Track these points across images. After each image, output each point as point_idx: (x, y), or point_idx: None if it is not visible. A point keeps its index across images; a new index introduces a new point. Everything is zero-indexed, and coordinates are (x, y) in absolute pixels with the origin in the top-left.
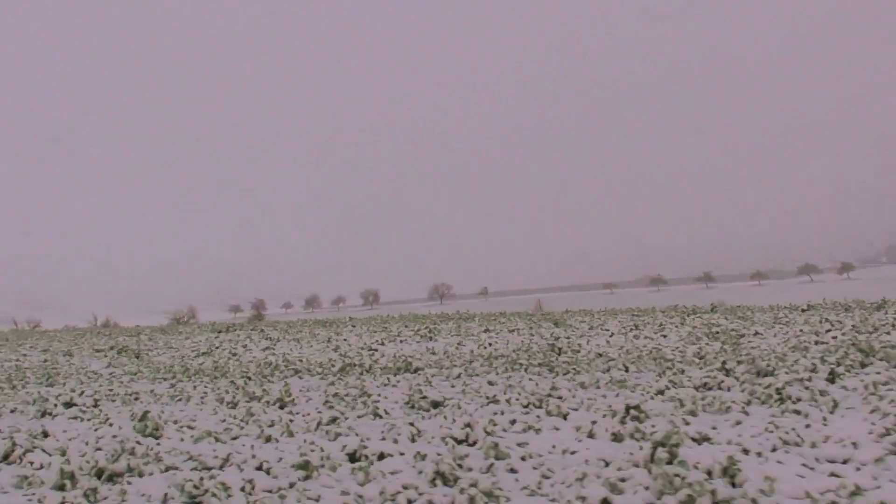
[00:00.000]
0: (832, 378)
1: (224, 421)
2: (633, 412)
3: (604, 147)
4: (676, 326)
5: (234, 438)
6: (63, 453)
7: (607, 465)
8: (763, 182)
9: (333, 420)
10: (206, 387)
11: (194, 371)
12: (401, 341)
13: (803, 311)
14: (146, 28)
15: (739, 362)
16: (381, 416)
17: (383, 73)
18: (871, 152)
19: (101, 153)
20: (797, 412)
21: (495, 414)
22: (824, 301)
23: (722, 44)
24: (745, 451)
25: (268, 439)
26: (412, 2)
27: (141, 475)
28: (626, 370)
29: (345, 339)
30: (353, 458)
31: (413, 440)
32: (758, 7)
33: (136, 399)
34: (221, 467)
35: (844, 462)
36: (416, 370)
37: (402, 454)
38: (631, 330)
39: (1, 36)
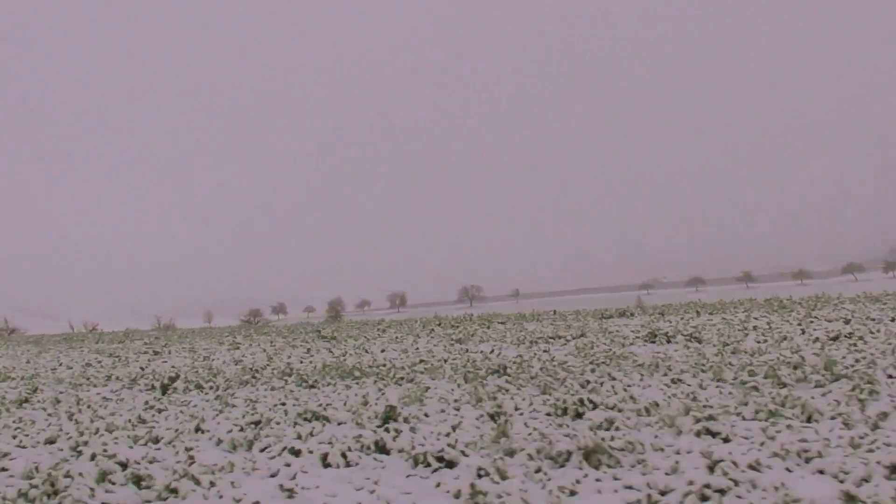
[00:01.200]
0: None
1: None
2: None
3: (604, 147)
4: None
5: None
6: None
7: None
8: (763, 182)
9: None
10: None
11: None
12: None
13: None
14: (146, 28)
15: None
16: None
17: (383, 73)
18: (871, 153)
19: (101, 153)
20: None
21: None
22: None
23: (722, 44)
24: None
25: None
26: (412, 2)
27: None
28: None
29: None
30: None
31: None
32: (758, 7)
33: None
34: None
35: None
36: None
37: None
38: None
39: (1, 36)
